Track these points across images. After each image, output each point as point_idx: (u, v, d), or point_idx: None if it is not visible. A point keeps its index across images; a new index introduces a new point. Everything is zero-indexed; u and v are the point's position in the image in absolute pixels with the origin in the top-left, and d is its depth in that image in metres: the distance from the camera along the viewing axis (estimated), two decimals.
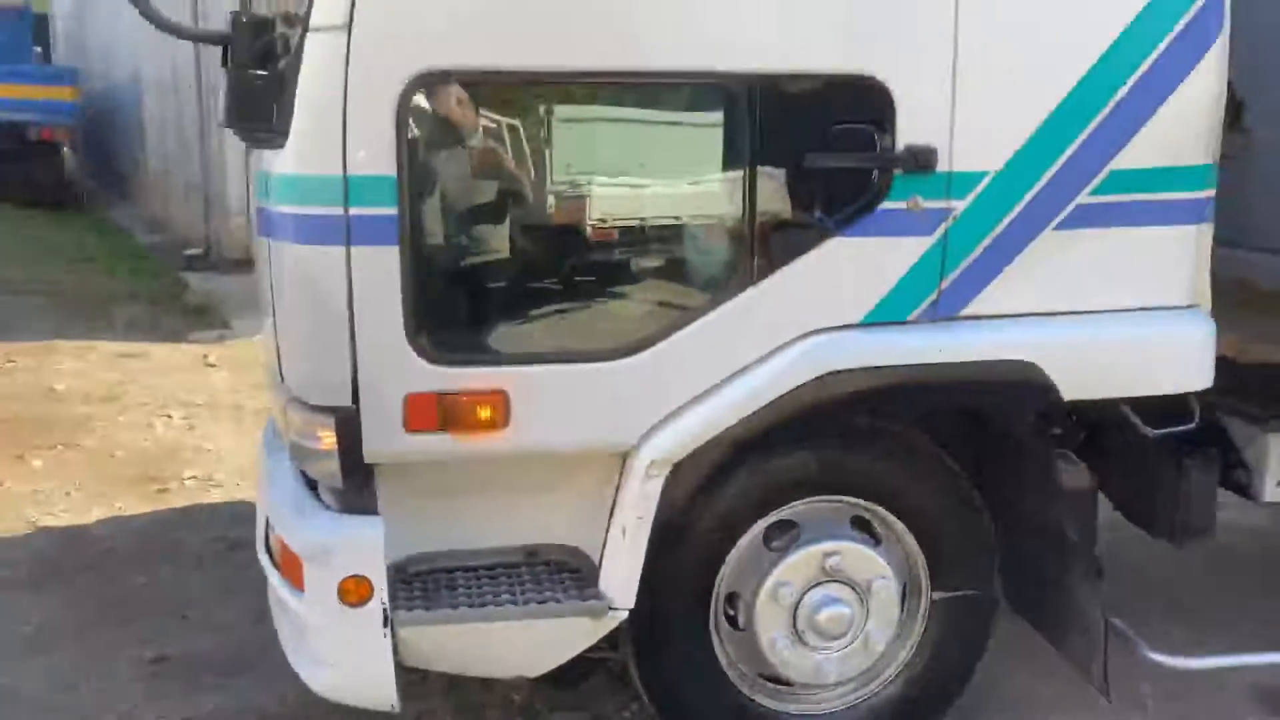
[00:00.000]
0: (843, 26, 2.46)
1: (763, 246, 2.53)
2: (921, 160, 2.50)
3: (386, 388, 2.43)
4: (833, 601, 2.79)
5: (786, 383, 2.53)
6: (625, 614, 2.61)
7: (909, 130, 2.50)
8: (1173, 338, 2.73)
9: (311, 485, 2.68)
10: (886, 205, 2.53)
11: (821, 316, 2.56)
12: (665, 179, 2.60)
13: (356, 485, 2.49)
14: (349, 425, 2.42)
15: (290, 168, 2.39)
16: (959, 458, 2.82)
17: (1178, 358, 2.74)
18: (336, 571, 2.46)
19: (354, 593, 2.46)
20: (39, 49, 17.62)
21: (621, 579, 2.60)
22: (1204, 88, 2.62)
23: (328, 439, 2.45)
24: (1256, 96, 2.94)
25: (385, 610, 2.46)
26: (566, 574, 2.67)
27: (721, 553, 2.75)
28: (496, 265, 2.53)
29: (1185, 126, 2.64)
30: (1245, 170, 2.85)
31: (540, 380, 2.49)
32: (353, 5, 2.28)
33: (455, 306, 2.53)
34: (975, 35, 2.50)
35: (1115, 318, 2.70)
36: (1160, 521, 3.13)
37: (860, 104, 2.50)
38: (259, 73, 2.43)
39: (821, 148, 2.52)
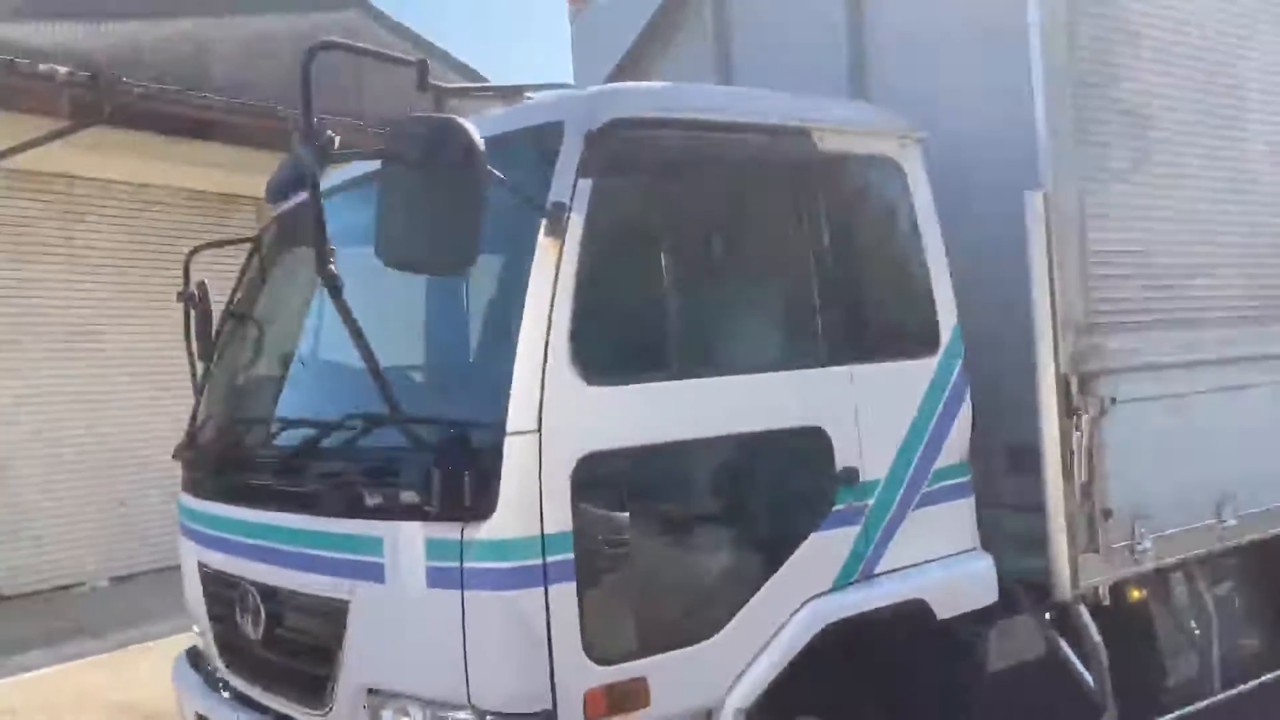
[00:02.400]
0: (805, 399, 3.83)
1: (774, 550, 3.73)
2: (850, 476, 3.89)
3: (571, 690, 3.26)
4: None
5: (803, 638, 3.71)
6: None
7: (840, 458, 3.88)
8: (974, 569, 4.29)
9: None
10: (835, 508, 3.87)
11: (811, 588, 3.79)
12: (721, 516, 3.72)
13: None
14: None
15: (500, 534, 3.20)
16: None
17: (980, 582, 4.30)
18: None
19: None
20: None
21: None
22: (962, 423, 4.30)
23: None
24: None
25: None
26: None
27: None
28: (631, 586, 3.46)
29: (958, 440, 4.28)
30: None
31: (664, 664, 3.44)
32: (539, 415, 3.24)
33: (609, 619, 3.39)
34: (864, 401, 3.97)
35: (947, 560, 4.21)
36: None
37: (813, 444, 3.84)
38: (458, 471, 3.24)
39: (791, 473, 3.81)
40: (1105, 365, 4.61)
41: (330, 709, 3.66)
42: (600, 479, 3.36)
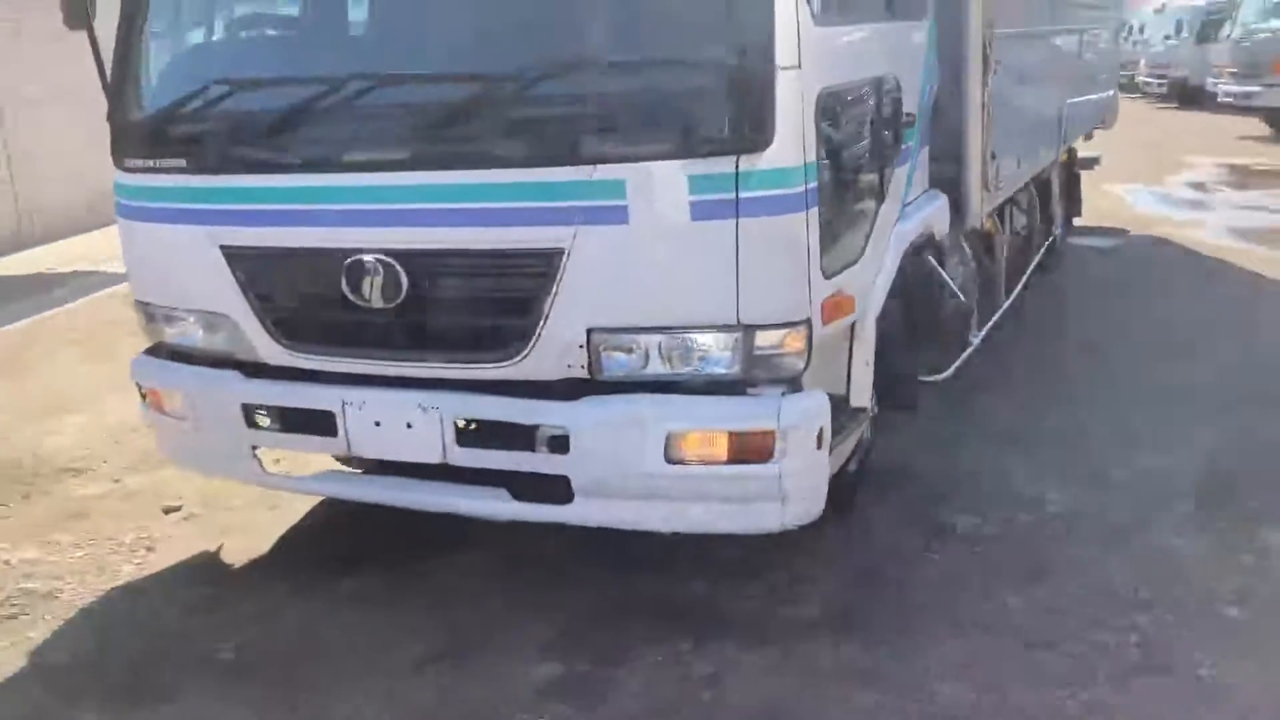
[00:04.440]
0: (883, 54, 4.32)
1: (881, 181, 4.28)
2: (911, 119, 4.51)
3: (816, 300, 3.69)
4: None
5: (897, 259, 4.40)
6: (869, 410, 4.26)
7: (907, 104, 4.47)
8: (941, 203, 5.17)
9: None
10: (905, 146, 4.49)
11: (894, 216, 4.45)
12: (873, 148, 4.12)
13: (803, 371, 3.70)
14: (811, 329, 3.65)
15: (777, 163, 3.45)
16: None
17: (945, 213, 5.20)
18: (814, 428, 3.68)
19: (821, 439, 3.72)
20: None
21: (866, 390, 4.23)
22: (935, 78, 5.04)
23: (797, 343, 3.62)
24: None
25: (830, 443, 3.78)
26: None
27: None
28: (842, 210, 3.89)
29: (932, 93, 5.04)
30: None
31: (850, 278, 3.96)
32: (799, 52, 3.47)
33: (831, 240, 3.77)
34: (908, 54, 4.56)
35: (928, 195, 5.05)
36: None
37: (892, 90, 4.38)
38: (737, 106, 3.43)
39: (892, 116, 4.32)
40: (998, 31, 5.56)
41: (525, 356, 3.75)
42: (831, 113, 3.70)
